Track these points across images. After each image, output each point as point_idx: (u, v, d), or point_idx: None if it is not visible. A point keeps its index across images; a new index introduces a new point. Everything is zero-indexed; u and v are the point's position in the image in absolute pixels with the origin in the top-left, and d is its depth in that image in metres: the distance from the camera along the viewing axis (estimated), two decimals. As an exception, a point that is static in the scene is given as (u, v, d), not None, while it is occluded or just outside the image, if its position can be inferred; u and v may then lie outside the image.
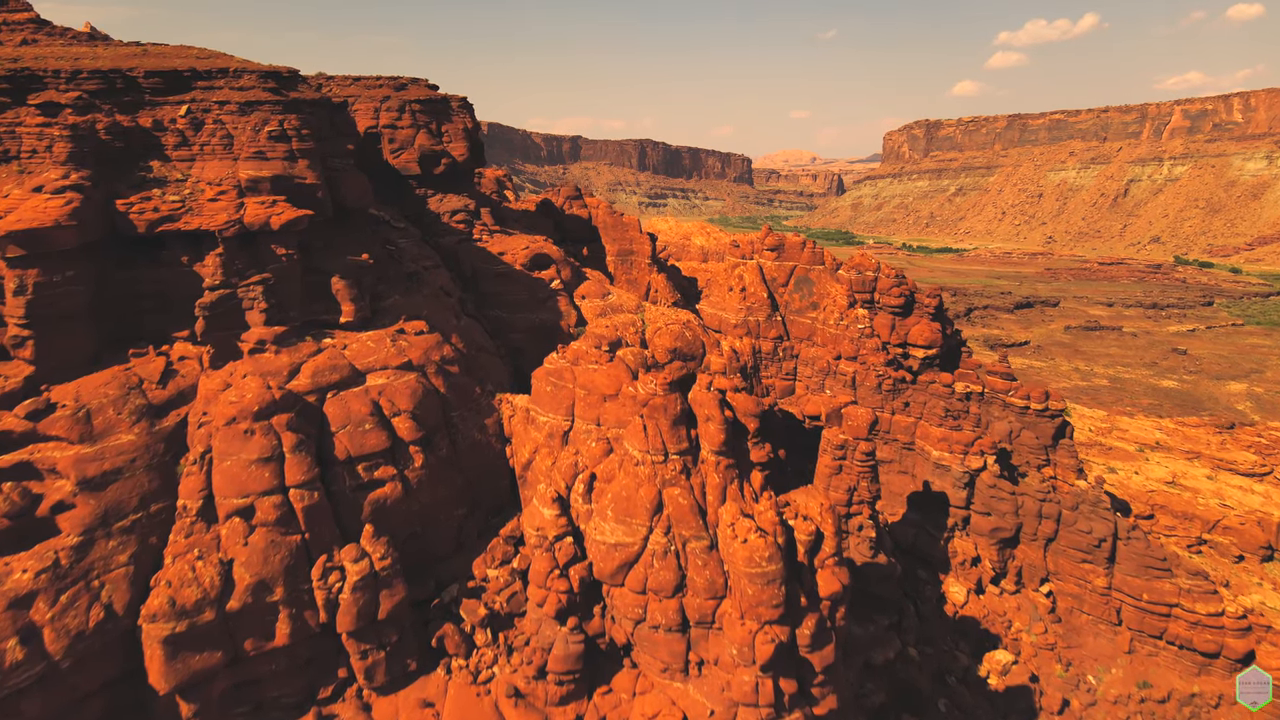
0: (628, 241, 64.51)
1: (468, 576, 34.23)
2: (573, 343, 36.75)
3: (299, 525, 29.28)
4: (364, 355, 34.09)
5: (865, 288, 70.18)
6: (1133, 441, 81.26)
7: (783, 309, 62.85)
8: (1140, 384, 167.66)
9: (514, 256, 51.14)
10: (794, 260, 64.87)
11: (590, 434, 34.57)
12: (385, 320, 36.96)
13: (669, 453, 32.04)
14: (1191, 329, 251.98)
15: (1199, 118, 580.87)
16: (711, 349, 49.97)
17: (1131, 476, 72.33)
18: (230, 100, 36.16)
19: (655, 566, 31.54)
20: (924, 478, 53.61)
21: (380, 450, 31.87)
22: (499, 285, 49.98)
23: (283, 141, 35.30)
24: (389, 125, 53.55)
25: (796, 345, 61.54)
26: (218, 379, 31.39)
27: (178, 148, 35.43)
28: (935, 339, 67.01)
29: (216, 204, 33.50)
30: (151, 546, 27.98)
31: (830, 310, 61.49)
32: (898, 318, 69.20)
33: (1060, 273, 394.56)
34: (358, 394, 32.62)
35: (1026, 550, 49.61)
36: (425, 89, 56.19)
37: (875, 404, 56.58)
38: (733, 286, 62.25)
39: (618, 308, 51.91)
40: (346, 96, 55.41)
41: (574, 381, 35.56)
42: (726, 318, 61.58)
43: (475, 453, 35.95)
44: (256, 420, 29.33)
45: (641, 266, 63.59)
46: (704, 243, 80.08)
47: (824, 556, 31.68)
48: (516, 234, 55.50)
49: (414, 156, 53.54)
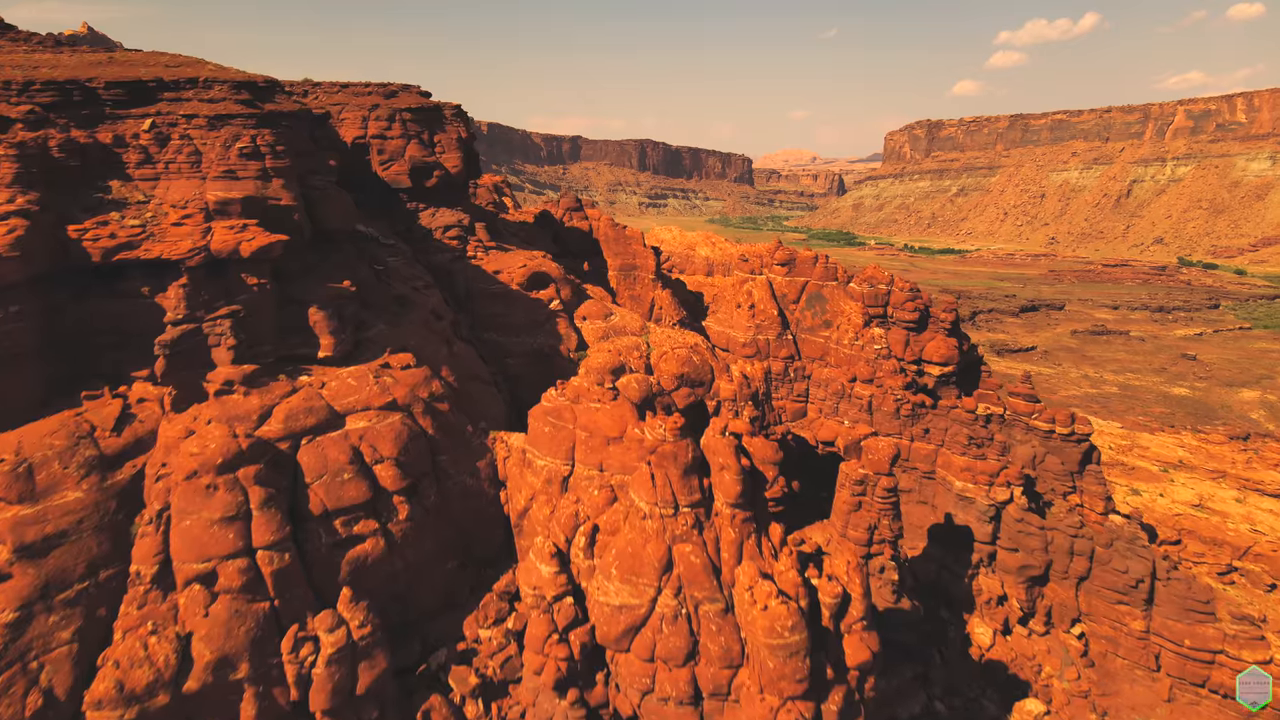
0: (630, 256, 61.41)
1: (458, 637, 31.15)
2: (573, 379, 33.67)
3: (267, 591, 26.21)
4: (344, 394, 31.00)
5: (878, 302, 67.06)
6: (1155, 460, 78.18)
7: (794, 327, 59.78)
8: (1151, 391, 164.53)
9: (510, 275, 48.08)
10: (805, 276, 61.78)
11: (592, 480, 31.50)
12: (369, 353, 33.86)
13: (679, 505, 28.98)
14: (1199, 333, 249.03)
15: (1202, 118, 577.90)
16: (721, 374, 46.87)
17: (1156, 499, 69.25)
18: (199, 113, 33.10)
19: (664, 631, 28.50)
20: (946, 509, 50.55)
21: (360, 503, 28.81)
22: (495, 307, 46.91)
23: (256, 159, 32.22)
24: (378, 135, 50.45)
25: (808, 365, 58.48)
26: (179, 424, 28.32)
27: (140, 166, 32.35)
28: (952, 355, 63.95)
29: (181, 229, 30.42)
30: (99, 620, 24.90)
31: (844, 329, 58.37)
32: (912, 333, 66.12)
33: (1064, 274, 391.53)
34: (336, 439, 29.54)
35: (1057, 589, 46.56)
36: (416, 96, 53.08)
37: (893, 430, 53.50)
38: (741, 303, 59.21)
39: (621, 329, 48.84)
40: (333, 105, 52.35)
41: (574, 422, 32.48)
42: (735, 336, 58.55)
43: (466, 500, 32.87)
44: (220, 474, 26.26)
45: (645, 282, 60.55)
46: (709, 253, 76.97)
47: (852, 620, 28.62)
48: (513, 250, 52.42)
49: (404, 169, 50.46)
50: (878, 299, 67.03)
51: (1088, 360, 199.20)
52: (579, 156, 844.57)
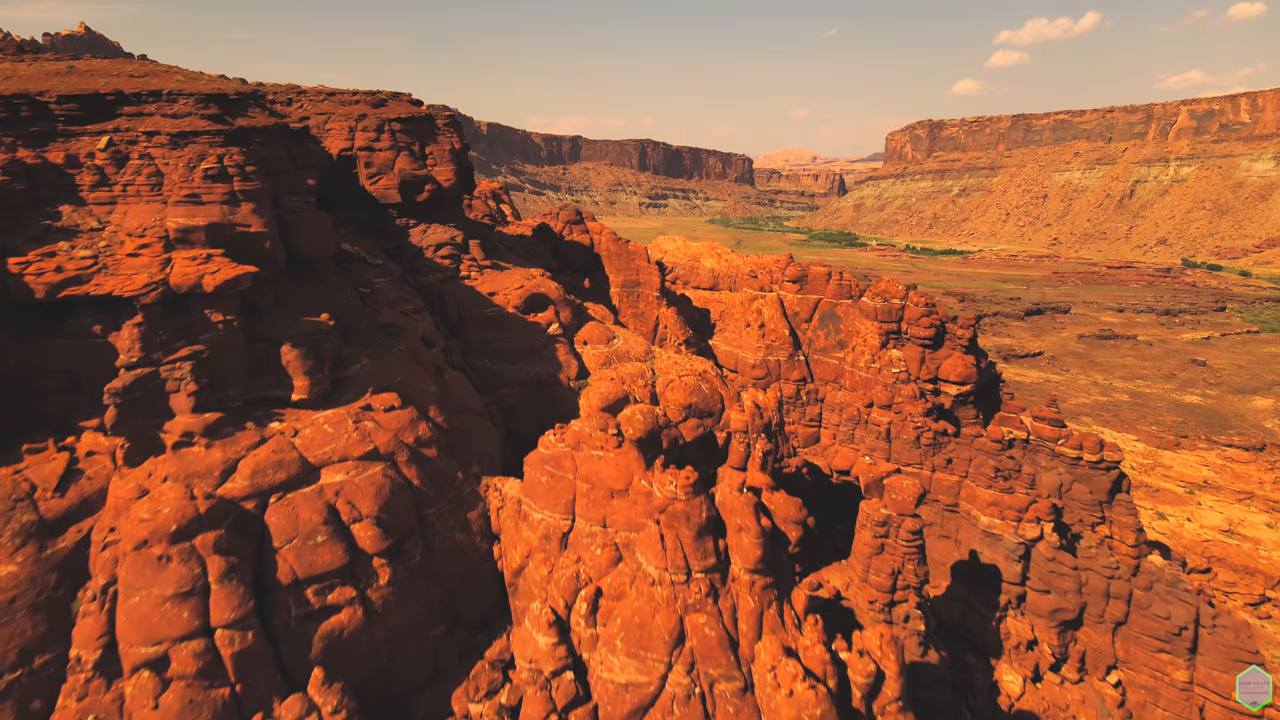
0: (634, 272, 58.35)
1: (446, 712, 28.09)
2: (573, 423, 30.58)
3: (228, 676, 23.13)
4: (319, 443, 27.92)
5: (892, 317, 64.12)
6: (1179, 480, 75.12)
7: (806, 348, 56.77)
8: (1162, 399, 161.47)
9: (507, 297, 45.01)
10: (818, 293, 58.73)
11: (595, 538, 28.43)
12: (349, 394, 30.78)
13: (692, 571, 25.93)
14: (1206, 337, 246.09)
15: (1205, 118, 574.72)
16: (731, 403, 43.82)
17: (1184, 524, 66.19)
18: (161, 130, 30.02)
19: (676, 713, 25.44)
20: (970, 545, 47.56)
21: (336, 568, 25.74)
22: (489, 332, 43.85)
23: (222, 181, 29.14)
24: (365, 147, 47.36)
25: (822, 388, 55.47)
26: (132, 482, 25.26)
27: (95, 189, 29.28)
28: (969, 374, 60.98)
29: (137, 260, 27.35)
30: (33, 715, 21.85)
31: (860, 351, 55.34)
32: (928, 350, 63.16)
33: (1068, 276, 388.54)
34: (309, 496, 26.46)
35: (1091, 634, 43.58)
36: (407, 105, 49.98)
37: (913, 460, 50.48)
38: (750, 322, 56.15)
39: (624, 355, 45.78)
40: (319, 115, 49.29)
41: (574, 472, 29.41)
42: (744, 357, 55.52)
43: (456, 557, 29.81)
44: (174, 543, 23.20)
45: (649, 299, 57.48)
46: (715, 265, 73.88)
47: (886, 701, 25.57)
48: (510, 268, 49.35)
49: (393, 183, 47.38)
50: (891, 314, 64.11)
51: (1096, 366, 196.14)
52: (579, 157, 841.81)
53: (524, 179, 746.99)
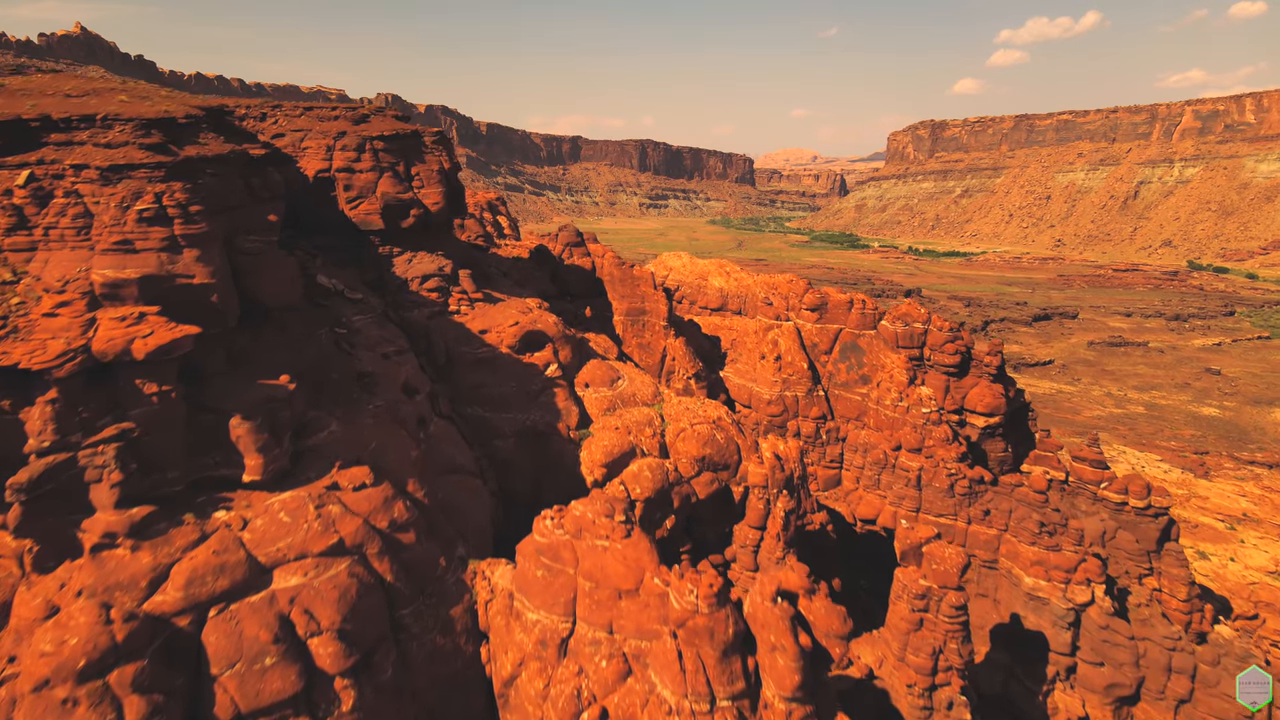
0: (639, 299, 53.98)
1: None
2: (573, 505, 26.20)
3: (149, 847, 18.80)
4: (272, 537, 23.55)
5: (914, 342, 59.79)
6: (1216, 513, 70.75)
7: (826, 382, 52.46)
8: (1179, 411, 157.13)
9: (500, 335, 40.63)
10: (839, 323, 54.40)
11: (600, 646, 24.06)
12: (312, 470, 26.41)
13: (716, 699, 21.58)
14: (1217, 343, 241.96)
15: (1210, 118, 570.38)
16: (749, 454, 39.46)
17: (1227, 564, 61.81)
18: (91, 163, 25.61)
19: None
20: (1012, 607, 43.30)
21: (288, 697, 21.37)
22: (480, 375, 39.48)
23: (160, 224, 24.76)
24: (344, 169, 42.96)
25: (843, 427, 51.17)
26: (40, 596, 20.88)
27: (12, 232, 24.90)
28: (998, 405, 56.64)
29: (55, 320, 22.97)
30: None
31: (886, 387, 50.98)
32: (953, 378, 58.82)
33: (1074, 279, 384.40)
34: (257, 606, 22.09)
35: (1150, 711, 39.33)
36: (391, 121, 45.55)
37: (946, 510, 46.17)
38: (766, 354, 51.85)
39: (630, 399, 41.41)
40: (295, 131, 44.90)
41: (575, 565, 25.05)
42: (758, 392, 51.23)
43: (436, 664, 25.43)
44: (82, 683, 18.85)
45: (656, 329, 53.15)
46: (724, 284, 69.47)
47: None
48: (504, 299, 44.97)
49: (376, 207, 43.01)
50: (913, 339, 59.80)
51: (1108, 375, 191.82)
52: (579, 157, 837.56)
53: (523, 179, 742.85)
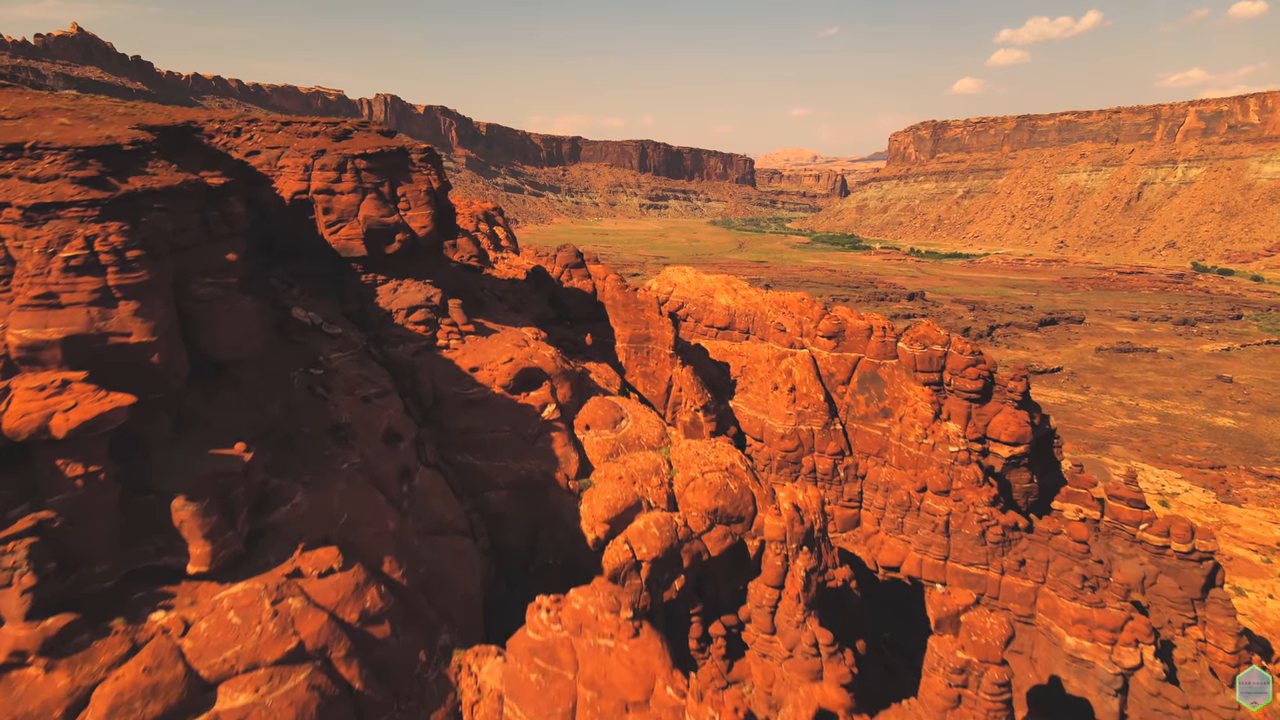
0: (643, 325, 50.45)
1: None
2: (571, 595, 22.70)
3: None
4: (218, 645, 20.06)
5: (932, 366, 56.32)
6: (1250, 543, 67.28)
7: (844, 414, 49.02)
8: (1192, 422, 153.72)
9: (493, 374, 37.15)
10: (857, 351, 50.91)
11: (603, 769, 20.56)
12: (270, 554, 22.92)
13: None
14: (1226, 348, 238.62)
15: (1213, 119, 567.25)
16: (765, 505, 35.99)
17: (1265, 601, 58.31)
18: (13, 200, 22.09)
19: None
20: (1052, 668, 39.86)
21: (231, 847, 17.87)
22: (471, 419, 36.00)
23: (91, 273, 21.27)
24: (324, 190, 39.42)
25: (862, 463, 47.74)
26: (-67, 732, 17.38)
27: (-83, 283, 21.38)
28: (1023, 433, 53.25)
29: (-38, 392, 19.47)
30: None
31: (909, 423, 47.51)
32: (974, 405, 55.37)
33: (1078, 282, 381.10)
34: (197, 735, 18.58)
35: (1205, 788, 36.03)
36: (376, 137, 41.99)
37: (977, 559, 42.70)
38: (779, 384, 48.43)
39: (635, 442, 37.91)
40: (271, 148, 41.41)
41: (575, 669, 21.55)
42: (771, 425, 47.83)
43: (413, 784, 21.93)
44: None
45: (662, 357, 49.64)
46: (731, 302, 65.98)
47: None
48: (499, 330, 41.48)
49: (358, 232, 39.51)
50: (932, 363, 56.32)
51: (1117, 383, 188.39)
52: (579, 158, 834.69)
53: (523, 180, 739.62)
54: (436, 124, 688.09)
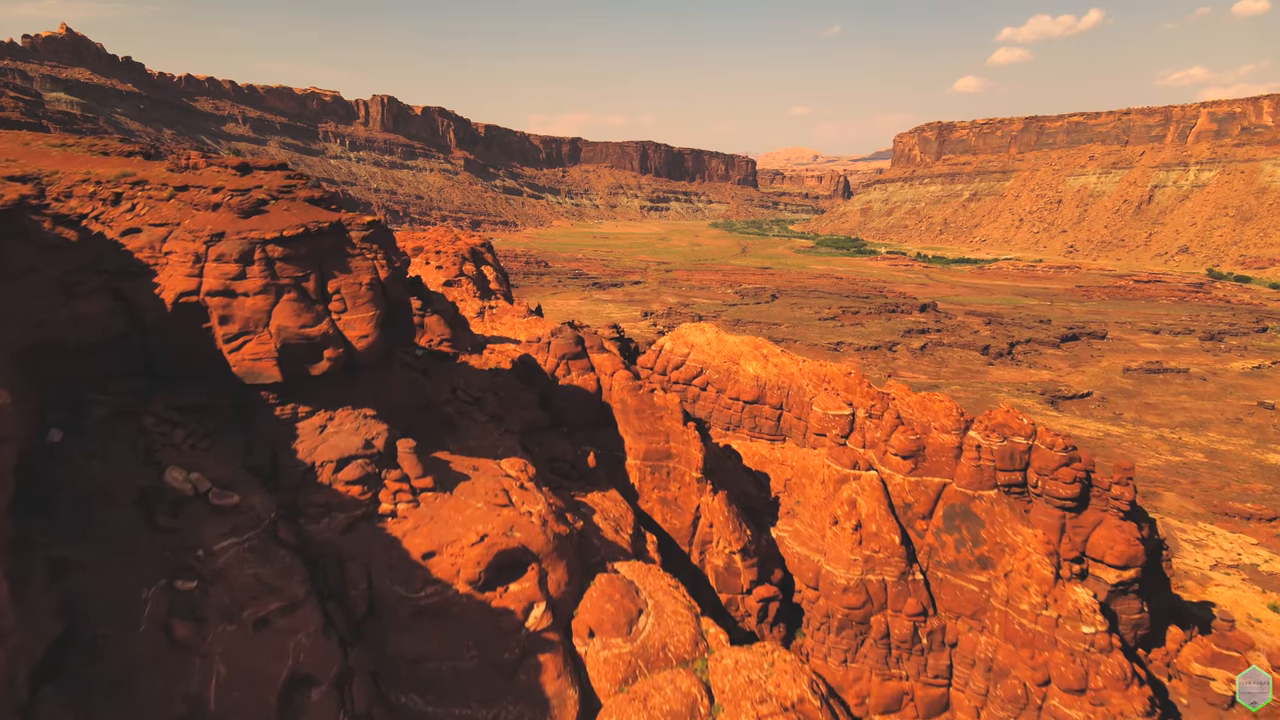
0: (662, 437, 38.64)
1: None
2: None
3: None
4: None
5: (1013, 464, 45.22)
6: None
7: (924, 558, 37.82)
8: (1241, 459, 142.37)
9: (456, 560, 25.84)
10: (942, 475, 39.50)
11: None
12: None
13: None
14: (1257, 365, 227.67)
15: (1226, 120, 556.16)
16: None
17: None
18: None
19: None
20: None
21: None
22: (422, 638, 24.69)
23: None
24: (219, 292, 28.01)
25: (951, 626, 36.55)
26: None
27: None
28: (1134, 553, 42.29)
29: None
30: None
31: (1019, 583, 36.13)
32: (1069, 514, 44.30)
33: (1093, 290, 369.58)
34: None
35: None
36: (301, 209, 30.35)
37: (1127, 790, 31.65)
38: (839, 517, 37.21)
39: (658, 656, 26.55)
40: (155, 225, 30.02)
41: None
42: (830, 572, 36.49)
43: None
44: None
45: (686, 481, 38.17)
46: (760, 371, 54.77)
47: None
48: (468, 476, 30.07)
49: (268, 349, 28.09)
50: (1013, 459, 45.31)
51: (1151, 409, 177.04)
52: (579, 159, 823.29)
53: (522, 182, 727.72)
54: (434, 125, 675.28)
